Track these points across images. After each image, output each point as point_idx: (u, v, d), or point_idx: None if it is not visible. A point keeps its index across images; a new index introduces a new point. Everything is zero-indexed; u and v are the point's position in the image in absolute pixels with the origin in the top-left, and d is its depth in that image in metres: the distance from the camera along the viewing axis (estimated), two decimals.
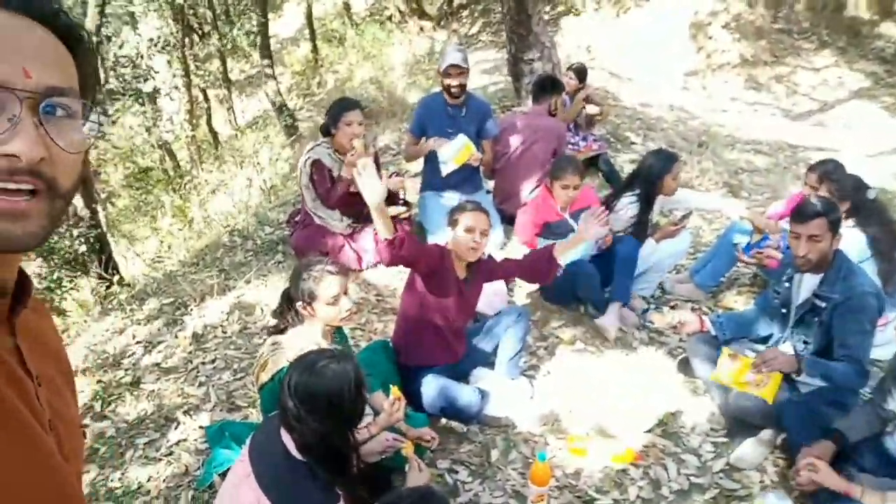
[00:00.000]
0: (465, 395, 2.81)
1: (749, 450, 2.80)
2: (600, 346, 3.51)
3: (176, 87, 16.35)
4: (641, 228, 3.68)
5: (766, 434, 2.83)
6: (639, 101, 7.98)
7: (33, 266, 8.78)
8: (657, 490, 2.67)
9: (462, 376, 3.16)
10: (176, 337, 3.58)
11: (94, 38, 8.42)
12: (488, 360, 3.23)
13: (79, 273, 7.97)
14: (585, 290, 3.59)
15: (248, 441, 2.03)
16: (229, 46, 17.51)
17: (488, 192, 4.55)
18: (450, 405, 2.81)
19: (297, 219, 4.23)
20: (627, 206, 3.68)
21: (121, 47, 12.82)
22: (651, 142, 6.53)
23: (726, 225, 4.26)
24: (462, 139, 4.07)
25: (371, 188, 2.48)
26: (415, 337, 2.96)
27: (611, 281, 3.60)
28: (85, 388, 3.33)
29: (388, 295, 3.86)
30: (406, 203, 4.28)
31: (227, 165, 11.59)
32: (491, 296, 3.65)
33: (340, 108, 3.84)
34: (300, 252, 3.91)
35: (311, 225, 3.99)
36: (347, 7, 17.68)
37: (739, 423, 2.90)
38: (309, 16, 16.96)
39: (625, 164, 5.71)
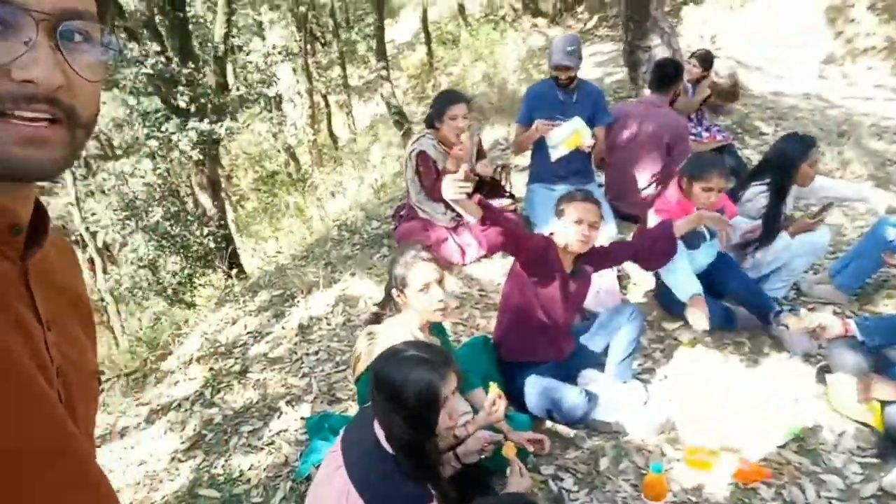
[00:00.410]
0: (571, 396, 2.62)
1: None
2: (725, 350, 3.18)
3: (299, 93, 17.13)
4: (773, 222, 3.31)
5: None
6: (769, 90, 7.39)
7: (169, 263, 9.46)
8: None
9: (569, 377, 2.96)
10: (283, 328, 3.62)
11: (222, 47, 8.91)
12: (598, 362, 3.01)
13: (208, 269, 8.49)
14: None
15: (341, 431, 1.96)
16: (348, 52, 18.12)
17: (600, 185, 4.30)
18: (555, 406, 2.63)
19: (402, 213, 4.19)
20: (757, 197, 3.33)
21: (248, 54, 13.52)
22: (783, 132, 5.99)
23: (872, 221, 3.78)
24: (575, 122, 3.85)
25: (447, 185, 2.31)
26: (517, 332, 2.80)
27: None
28: (197, 376, 3.44)
29: (491, 290, 3.72)
30: (512, 196, 4.13)
31: (345, 167, 11.96)
32: (601, 293, 3.43)
33: (445, 100, 3.75)
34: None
35: (416, 218, 3.92)
36: (462, 9, 17.77)
37: (889, 440, 2.51)
38: (424, 20, 17.20)
39: (753, 156, 5.25)
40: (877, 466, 2.51)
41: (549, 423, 2.75)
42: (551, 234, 2.75)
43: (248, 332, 3.73)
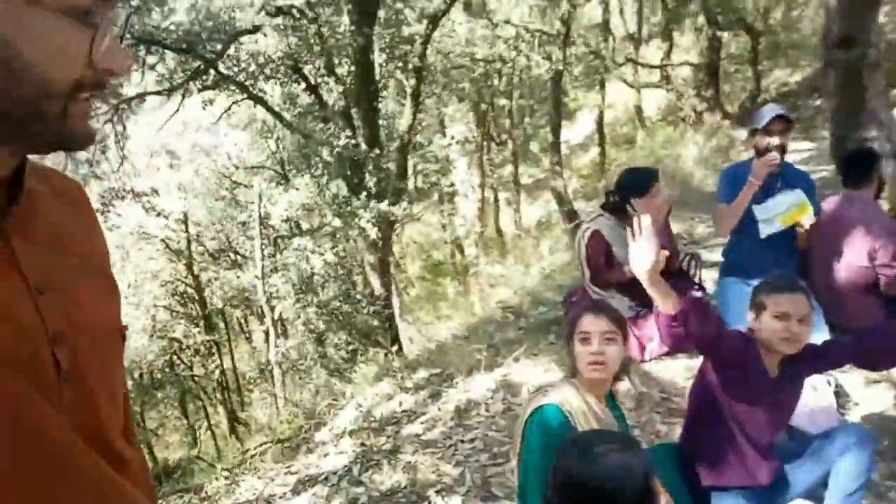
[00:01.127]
0: None
1: None
2: None
3: (472, 188, 17.74)
4: None
5: None
6: None
7: (335, 338, 9.79)
8: None
9: None
10: (439, 409, 3.40)
11: (406, 136, 9.43)
12: (811, 494, 2.43)
13: (371, 346, 8.66)
14: None
15: None
16: (522, 151, 18.62)
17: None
18: None
19: (573, 298, 3.89)
20: None
21: (429, 144, 14.29)
22: None
23: None
24: (797, 194, 3.35)
25: (642, 252, 2.00)
26: (706, 448, 2.33)
27: None
28: (347, 450, 3.28)
29: (674, 394, 3.25)
30: (702, 288, 3.67)
31: (509, 260, 11.95)
32: (816, 411, 2.84)
33: (645, 175, 3.47)
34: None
35: (585, 299, 3.60)
36: (639, 110, 17.68)
37: None
38: (600, 121, 17.31)
39: None
40: None
41: None
42: (750, 330, 2.31)
43: (402, 410, 3.55)
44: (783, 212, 3.34)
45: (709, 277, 4.11)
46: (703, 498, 2.29)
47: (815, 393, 2.93)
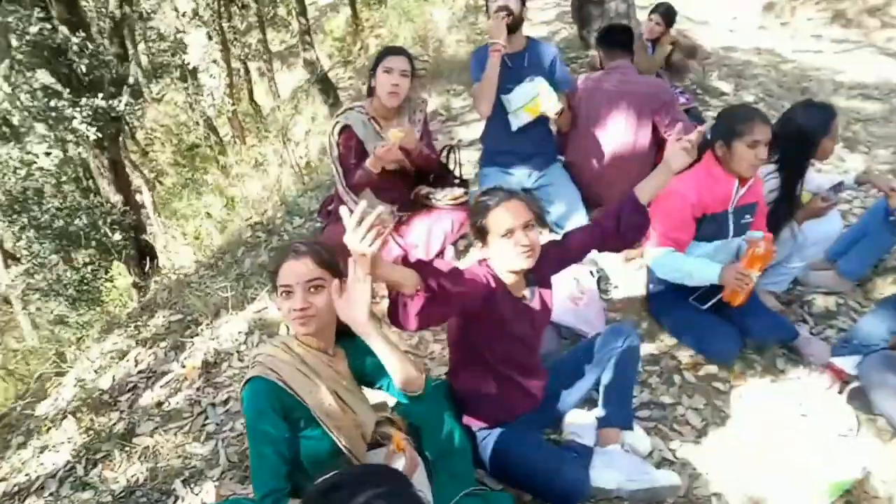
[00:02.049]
0: (567, 470, 1.96)
1: None
2: (737, 372, 2.60)
3: (215, 62, 15.83)
4: (788, 209, 2.74)
5: None
6: (721, 45, 6.95)
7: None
8: None
9: (548, 423, 2.34)
10: (182, 366, 2.85)
11: (118, 13, 7.80)
12: (584, 400, 2.39)
13: (116, 260, 7.49)
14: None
15: None
16: (268, 15, 16.92)
17: (564, 165, 3.61)
18: (545, 483, 1.98)
19: (330, 207, 3.43)
20: (766, 179, 2.73)
21: (152, 15, 12.27)
22: (744, 91, 5.50)
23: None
24: (539, 82, 3.16)
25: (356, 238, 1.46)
26: (477, 392, 2.12)
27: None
28: (72, 437, 2.64)
29: None
30: (463, 182, 3.41)
31: (270, 139, 11.01)
32: (581, 305, 2.79)
33: (382, 52, 2.97)
34: None
35: (342, 206, 3.17)
36: None
37: None
38: None
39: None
40: None
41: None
42: (483, 261, 2.05)
43: (139, 372, 2.94)
44: (528, 103, 3.15)
45: (470, 159, 3.88)
46: (479, 437, 2.12)
47: (578, 285, 2.88)
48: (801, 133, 2.65)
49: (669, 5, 4.65)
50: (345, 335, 1.78)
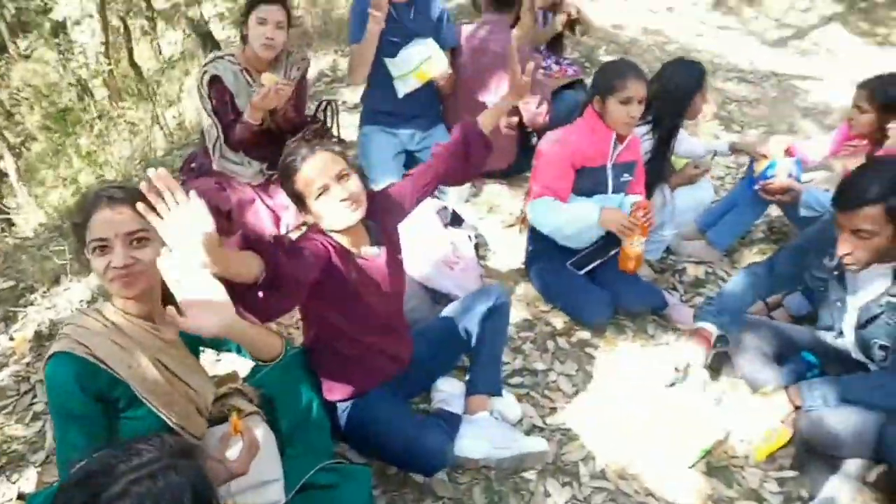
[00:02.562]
0: (427, 438, 1.84)
1: (838, 491, 1.95)
2: (609, 337, 2.59)
3: (90, 16, 14.57)
4: (661, 170, 2.75)
5: (853, 466, 1.98)
6: (610, 23, 7.09)
7: None
8: None
9: (415, 392, 2.23)
10: (11, 339, 2.52)
11: None
12: (453, 366, 2.30)
13: None
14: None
15: None
16: None
17: (449, 127, 3.49)
18: (405, 453, 1.86)
19: (193, 164, 3.15)
20: (641, 140, 2.72)
21: None
22: None
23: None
24: (427, 45, 3.01)
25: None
26: (335, 361, 1.95)
27: None
28: None
29: None
30: (341, 141, 3.22)
31: (149, 104, 10.25)
32: (458, 270, 2.69)
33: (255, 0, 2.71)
34: None
35: (210, 173, 2.91)
36: None
37: (811, 449, 2.04)
38: None
39: None
40: (796, 481, 2.05)
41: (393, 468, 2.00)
42: (312, 226, 1.84)
43: None
44: (415, 68, 3.00)
45: (349, 123, 3.67)
46: (336, 408, 1.96)
47: (456, 249, 2.77)
48: (674, 90, 2.66)
49: None
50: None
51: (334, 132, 3.23)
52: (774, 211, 3.24)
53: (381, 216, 1.89)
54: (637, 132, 2.67)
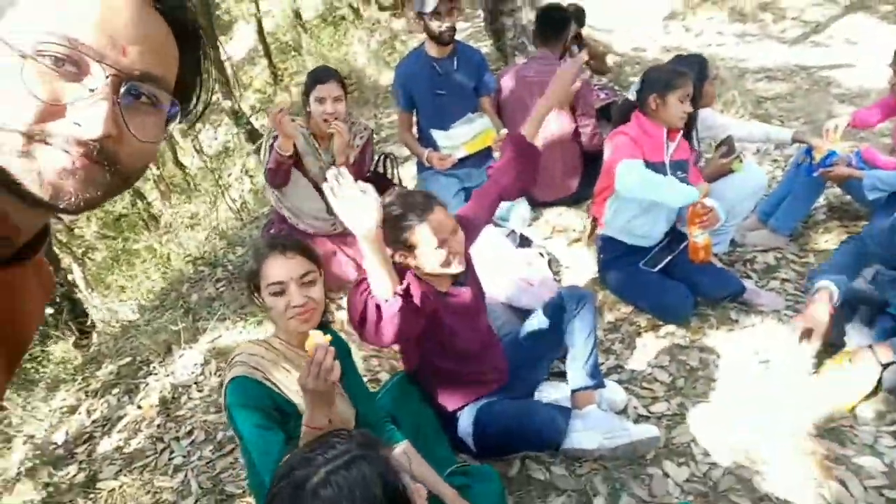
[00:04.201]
0: (539, 411, 1.97)
1: None
2: (694, 328, 2.67)
3: None
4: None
5: None
6: (631, 47, 7.33)
7: None
8: None
9: (520, 399, 2.34)
10: (139, 407, 2.73)
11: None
12: (549, 367, 2.41)
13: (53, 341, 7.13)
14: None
15: None
16: None
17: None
18: (520, 432, 1.98)
19: (272, 230, 3.39)
20: None
21: None
22: None
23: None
24: (480, 122, 3.26)
25: (352, 211, 1.52)
26: (438, 384, 2.13)
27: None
28: (30, 500, 2.48)
29: None
30: (402, 186, 3.43)
31: (199, 197, 10.80)
32: (536, 286, 2.82)
33: (311, 78, 2.97)
34: None
35: (289, 228, 3.14)
36: (298, 15, 16.86)
37: None
38: (260, 32, 16.10)
39: None
40: None
41: (514, 470, 2.10)
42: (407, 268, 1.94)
43: (93, 422, 2.80)
44: (468, 141, 3.25)
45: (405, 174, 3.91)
46: (452, 418, 2.10)
47: (531, 268, 2.92)
48: None
49: (579, 6, 4.84)
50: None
51: (394, 180, 3.46)
52: (831, 192, 3.31)
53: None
54: None
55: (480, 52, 3.56)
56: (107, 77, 0.63)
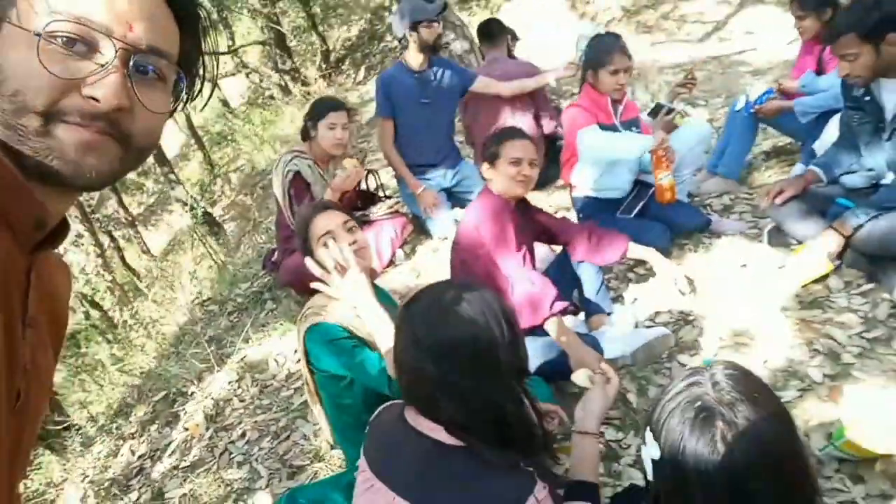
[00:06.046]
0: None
1: None
2: (676, 257, 3.00)
3: (79, 236, 15.38)
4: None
5: None
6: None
7: None
8: (838, 361, 2.15)
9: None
10: (185, 429, 2.86)
11: None
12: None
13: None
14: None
15: (361, 457, 1.40)
16: (120, 182, 16.68)
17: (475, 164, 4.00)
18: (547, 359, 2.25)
19: (273, 259, 3.60)
20: None
21: None
22: None
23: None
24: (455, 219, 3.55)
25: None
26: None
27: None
28: None
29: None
30: (389, 197, 3.72)
31: (161, 292, 10.72)
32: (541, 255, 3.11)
33: (323, 107, 3.26)
34: (294, 285, 3.28)
35: (297, 252, 3.36)
36: (225, 104, 17.12)
37: (875, 261, 2.43)
38: (190, 126, 16.26)
39: None
40: (876, 291, 2.41)
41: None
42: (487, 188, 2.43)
43: (138, 457, 2.90)
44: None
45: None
46: None
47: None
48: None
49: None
50: None
51: (381, 195, 3.74)
52: (764, 139, 3.75)
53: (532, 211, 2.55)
54: None
55: (448, 60, 3.93)
56: (116, 51, 0.68)
